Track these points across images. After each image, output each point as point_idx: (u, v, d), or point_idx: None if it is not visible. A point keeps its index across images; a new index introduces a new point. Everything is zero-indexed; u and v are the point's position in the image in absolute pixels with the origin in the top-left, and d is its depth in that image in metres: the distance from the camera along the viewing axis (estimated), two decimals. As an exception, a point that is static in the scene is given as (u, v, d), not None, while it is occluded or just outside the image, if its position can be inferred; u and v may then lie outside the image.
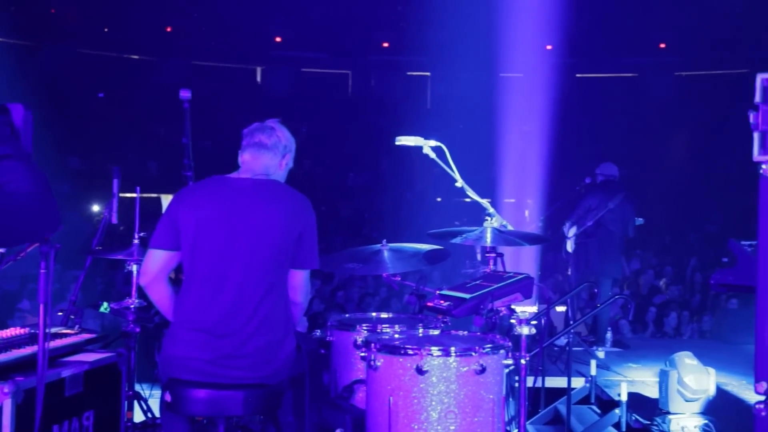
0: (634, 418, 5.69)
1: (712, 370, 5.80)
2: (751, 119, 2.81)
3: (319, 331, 4.15)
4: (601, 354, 7.54)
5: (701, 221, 16.06)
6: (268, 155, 3.43)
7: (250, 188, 3.35)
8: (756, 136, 2.82)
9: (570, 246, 8.16)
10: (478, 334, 3.58)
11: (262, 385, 3.27)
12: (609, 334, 8.07)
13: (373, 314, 4.33)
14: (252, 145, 3.44)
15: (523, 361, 3.40)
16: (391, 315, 4.23)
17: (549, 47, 16.43)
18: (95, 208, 13.55)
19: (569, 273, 8.36)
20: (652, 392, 6.19)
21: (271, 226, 3.28)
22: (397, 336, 3.55)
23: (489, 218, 4.15)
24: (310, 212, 3.39)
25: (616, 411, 5.63)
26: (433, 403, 3.15)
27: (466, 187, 4.19)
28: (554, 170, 12.94)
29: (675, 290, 12.01)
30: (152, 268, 3.36)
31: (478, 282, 3.66)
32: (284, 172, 3.54)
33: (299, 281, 3.41)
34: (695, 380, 5.65)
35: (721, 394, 5.91)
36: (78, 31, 18.69)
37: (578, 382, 6.31)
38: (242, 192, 3.34)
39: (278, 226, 3.28)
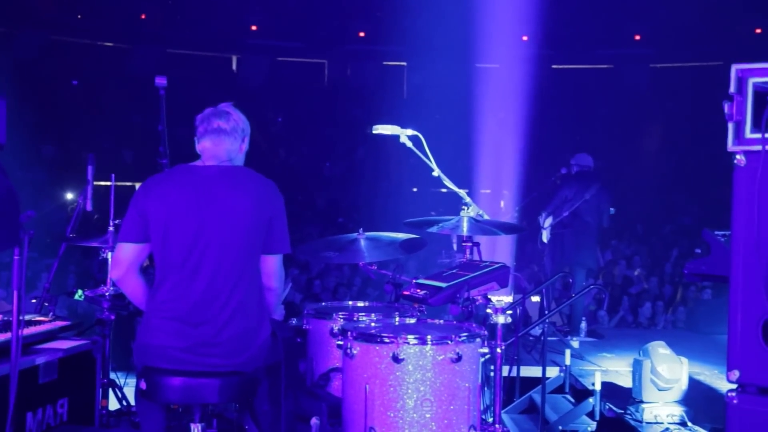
0: (607, 407, 5.73)
1: (685, 360, 5.86)
2: (726, 110, 2.85)
3: (295, 319, 4.15)
4: (575, 344, 7.60)
5: (676, 212, 16.22)
6: (228, 140, 3.40)
7: (218, 175, 3.34)
8: (730, 126, 2.86)
9: (545, 236, 8.20)
10: (454, 322, 3.60)
11: (237, 373, 3.26)
12: (584, 324, 8.13)
13: (350, 303, 4.33)
14: (211, 131, 3.40)
15: (498, 350, 3.42)
16: (367, 304, 4.24)
17: (525, 38, 16.49)
18: (69, 196, 13.42)
19: (545, 263, 8.40)
20: (626, 382, 6.24)
21: (241, 213, 3.27)
22: (373, 324, 3.56)
23: (465, 207, 4.17)
24: (279, 197, 3.39)
25: (590, 400, 5.68)
26: (409, 391, 3.16)
27: (443, 176, 4.20)
28: (530, 161, 13.00)
29: (651, 281, 12.12)
30: (123, 261, 3.35)
31: (454, 271, 3.67)
32: (243, 156, 3.52)
33: (272, 266, 3.40)
34: (668, 369, 5.70)
35: (694, 383, 5.99)
36: (51, 17, 18.46)
37: (553, 372, 6.36)
38: (210, 180, 3.32)
39: (248, 212, 3.27)
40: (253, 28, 20.05)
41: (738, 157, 2.84)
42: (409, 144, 4.11)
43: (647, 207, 15.80)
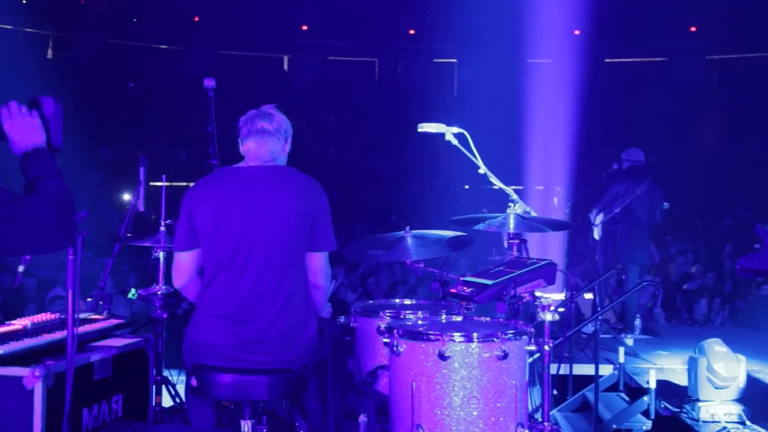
0: (663, 405, 5.64)
1: (742, 357, 5.74)
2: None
3: (343, 317, 4.17)
4: (629, 341, 7.48)
5: (734, 207, 15.85)
6: (271, 141, 3.43)
7: (262, 175, 3.37)
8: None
9: (597, 233, 8.10)
10: (501, 320, 3.57)
11: (285, 370, 3.30)
12: (638, 321, 8.00)
13: (397, 301, 4.34)
14: (254, 132, 3.43)
15: (546, 348, 3.39)
16: (414, 301, 4.23)
17: (577, 32, 16.29)
18: (126, 197, 13.70)
19: (597, 260, 8.29)
20: (682, 380, 6.13)
21: (285, 210, 3.30)
22: (420, 322, 3.56)
23: (512, 204, 4.14)
24: (323, 195, 3.41)
25: (645, 398, 5.59)
26: (456, 388, 3.15)
27: (489, 173, 4.17)
28: (583, 157, 12.84)
29: (709, 277, 11.87)
30: (184, 269, 3.43)
31: (501, 268, 3.65)
32: (286, 157, 3.54)
33: (318, 264, 3.43)
34: (725, 367, 5.59)
35: (752, 381, 5.85)
36: (107, 22, 18.87)
37: (607, 370, 6.28)
38: (254, 179, 3.36)
39: (292, 209, 3.30)
40: (304, 28, 20.22)
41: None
42: (455, 142, 4.10)
43: (705, 202, 15.49)
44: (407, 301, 4.24)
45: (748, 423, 5.33)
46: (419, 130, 4.16)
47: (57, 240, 2.25)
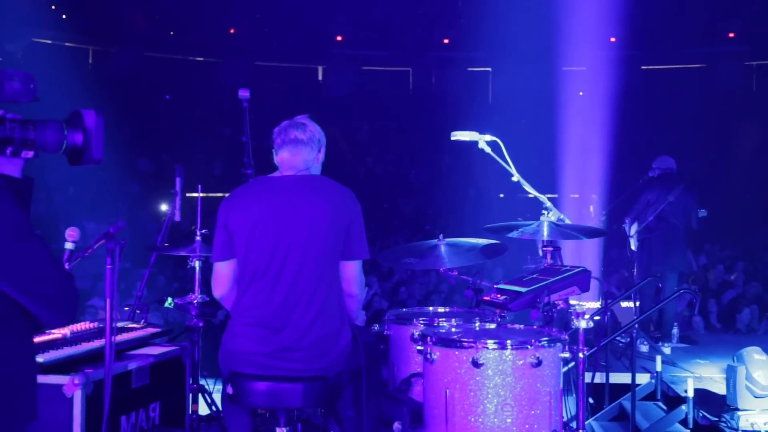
0: (701, 414, 5.57)
1: (782, 366, 5.65)
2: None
3: (377, 325, 4.18)
4: (666, 350, 7.39)
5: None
6: (305, 150, 3.46)
7: (296, 184, 3.40)
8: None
9: (633, 244, 8.03)
10: (535, 327, 3.56)
11: (320, 378, 3.32)
12: (675, 330, 7.90)
13: (430, 308, 4.34)
14: (288, 142, 3.45)
15: (581, 355, 3.37)
16: (447, 309, 4.23)
17: (613, 39, 16.19)
18: (162, 207, 13.87)
19: (635, 271, 8.20)
20: (720, 389, 6.05)
21: (320, 219, 3.32)
22: (453, 330, 3.56)
23: (546, 212, 4.13)
24: (356, 204, 3.43)
25: (683, 407, 5.53)
26: (490, 395, 3.15)
27: (522, 181, 4.17)
28: (619, 164, 12.74)
29: (751, 286, 11.68)
30: (223, 279, 3.45)
31: (534, 276, 3.64)
32: (320, 166, 3.57)
33: (352, 272, 3.45)
34: (764, 376, 5.51)
35: (793, 390, 5.75)
36: (145, 35, 19.16)
37: (643, 378, 6.21)
38: (288, 188, 3.39)
39: (326, 218, 3.33)
40: (338, 38, 20.35)
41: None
42: (488, 150, 4.10)
43: (744, 209, 15.26)
44: (441, 309, 4.24)
45: (788, 432, 5.24)
46: (452, 138, 4.17)
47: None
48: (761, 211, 15.68)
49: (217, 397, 4.92)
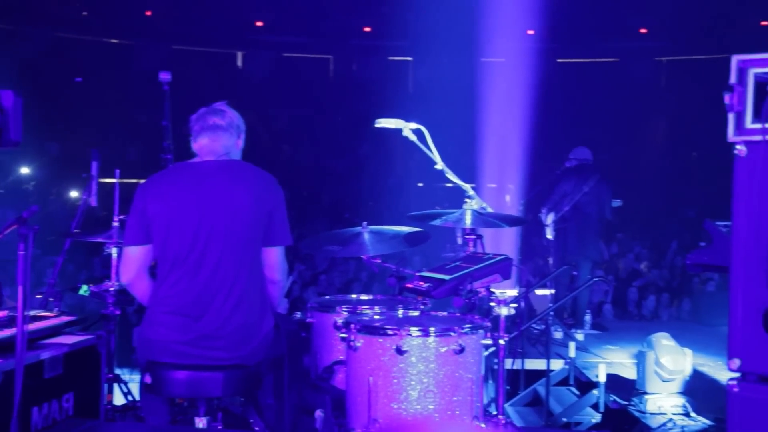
0: (612, 398, 5.76)
1: (688, 351, 5.89)
2: (726, 100, 2.85)
3: (299, 312, 4.16)
4: (580, 336, 7.60)
5: (680, 205, 16.20)
6: (225, 136, 3.41)
7: (217, 170, 3.36)
8: (731, 117, 2.86)
9: (550, 233, 8.20)
10: (458, 314, 3.60)
11: (240, 366, 3.29)
12: (588, 317, 8.14)
13: (353, 296, 4.34)
14: (207, 128, 3.40)
15: (501, 342, 3.42)
16: (371, 297, 4.24)
17: (530, 32, 16.44)
18: (74, 193, 13.48)
19: (550, 261, 8.39)
20: (630, 373, 6.26)
21: (241, 205, 3.28)
22: (377, 317, 3.57)
23: (468, 200, 4.17)
24: (278, 190, 3.41)
25: (595, 392, 5.70)
26: (413, 382, 3.17)
27: (446, 169, 4.20)
28: (536, 155, 12.97)
29: (654, 274, 12.10)
30: (132, 264, 3.37)
31: (457, 263, 3.67)
32: (240, 153, 3.52)
33: (274, 259, 3.42)
34: (672, 361, 5.73)
35: (697, 374, 6.01)
36: (56, 14, 18.49)
37: (557, 364, 6.37)
38: (209, 174, 3.34)
39: (247, 204, 3.29)
40: (258, 23, 20.06)
41: (738, 147, 2.84)
42: (413, 138, 4.11)
43: (652, 200, 15.78)
44: (364, 297, 4.24)
45: (692, 414, 5.47)
46: (377, 125, 4.17)
47: None
48: (666, 202, 16.25)
49: (133, 387, 4.83)
